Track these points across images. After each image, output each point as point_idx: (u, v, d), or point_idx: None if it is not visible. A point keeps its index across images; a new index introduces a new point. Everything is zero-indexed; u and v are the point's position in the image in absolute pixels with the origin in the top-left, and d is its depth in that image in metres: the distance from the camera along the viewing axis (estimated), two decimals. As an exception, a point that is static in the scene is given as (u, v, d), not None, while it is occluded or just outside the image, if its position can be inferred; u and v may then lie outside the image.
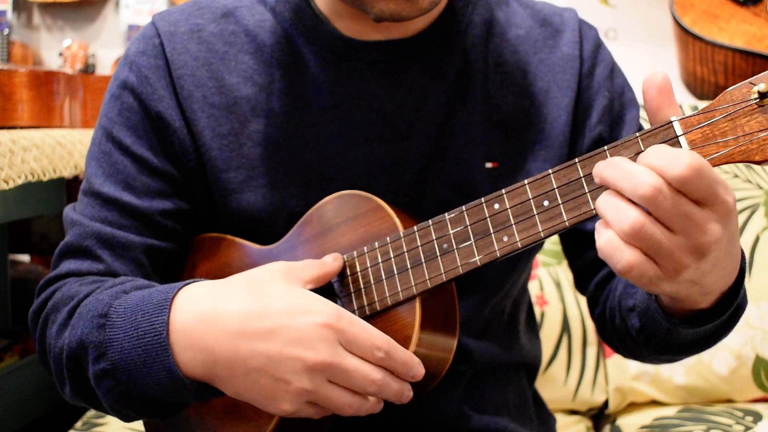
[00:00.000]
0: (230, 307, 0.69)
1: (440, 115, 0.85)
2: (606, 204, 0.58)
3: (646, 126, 1.36)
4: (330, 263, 0.76)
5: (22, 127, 1.46)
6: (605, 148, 0.64)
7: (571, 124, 0.88)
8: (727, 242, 0.60)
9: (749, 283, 1.38)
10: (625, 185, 0.57)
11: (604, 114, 0.89)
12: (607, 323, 0.90)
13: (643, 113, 1.33)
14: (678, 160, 0.56)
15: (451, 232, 0.72)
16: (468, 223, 0.71)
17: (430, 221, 0.73)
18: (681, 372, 1.36)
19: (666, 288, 0.60)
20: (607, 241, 0.58)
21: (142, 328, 0.70)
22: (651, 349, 0.82)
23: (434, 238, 0.72)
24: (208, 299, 0.70)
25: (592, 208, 0.64)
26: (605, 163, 0.59)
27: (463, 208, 0.71)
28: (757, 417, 1.28)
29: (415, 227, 0.74)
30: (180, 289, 0.71)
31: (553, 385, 1.38)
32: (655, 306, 0.73)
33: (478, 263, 0.70)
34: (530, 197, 0.67)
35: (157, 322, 0.69)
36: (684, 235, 0.57)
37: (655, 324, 0.75)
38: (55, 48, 2.58)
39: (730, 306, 0.70)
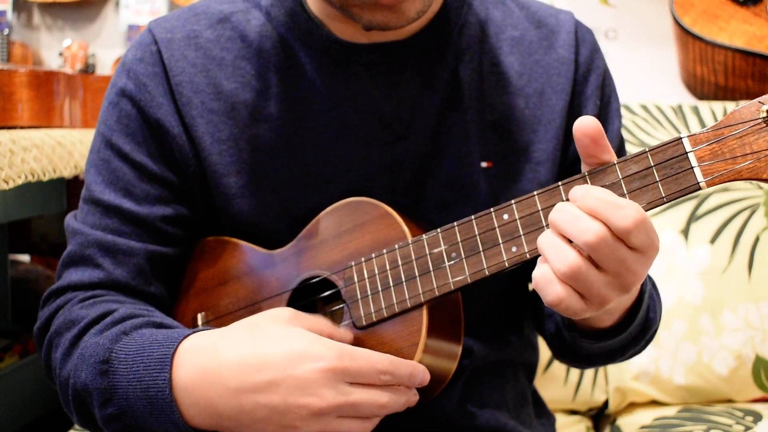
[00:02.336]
0: (230, 359, 0.69)
1: (437, 115, 0.86)
2: (547, 242, 0.63)
3: (626, 135, 1.34)
4: (340, 330, 0.76)
5: (22, 127, 1.46)
6: (614, 162, 0.65)
7: (564, 128, 0.88)
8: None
9: (749, 284, 1.38)
10: (571, 230, 0.61)
11: None
12: (542, 323, 0.95)
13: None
14: (625, 212, 0.60)
15: (459, 241, 0.72)
16: (477, 233, 0.71)
17: (438, 230, 0.73)
18: (681, 372, 1.36)
19: (586, 316, 0.65)
20: (542, 275, 0.63)
21: (145, 381, 0.70)
22: (562, 354, 0.89)
23: (443, 246, 0.72)
24: (208, 353, 0.70)
25: None
26: (555, 208, 0.63)
27: (473, 217, 0.71)
28: (757, 417, 1.28)
29: (423, 235, 0.74)
30: (179, 342, 0.71)
31: (553, 385, 1.38)
32: (559, 318, 0.78)
33: (486, 273, 0.70)
34: (539, 208, 0.68)
35: (159, 379, 0.70)
36: (615, 276, 0.62)
37: (563, 334, 0.82)
38: (55, 48, 2.58)
39: (630, 324, 0.76)
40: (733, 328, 1.37)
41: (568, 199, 0.66)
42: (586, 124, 0.64)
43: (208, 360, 0.69)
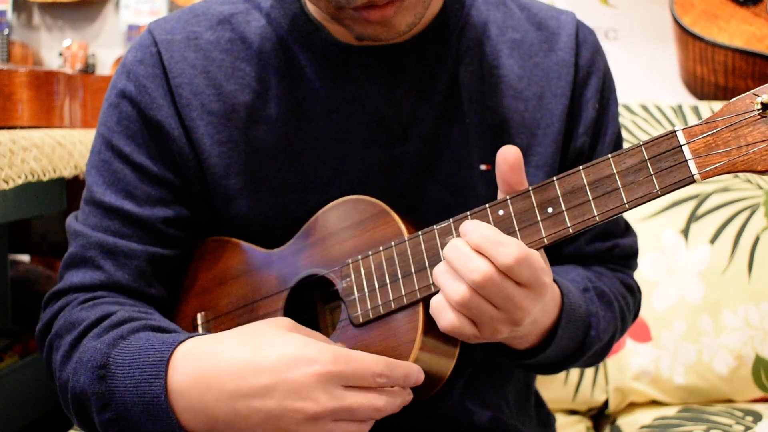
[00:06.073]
0: (226, 364, 0.68)
1: (436, 118, 0.85)
2: (441, 275, 0.68)
3: (626, 135, 1.34)
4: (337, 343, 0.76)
5: (22, 127, 1.46)
6: (609, 156, 0.65)
7: (563, 132, 0.88)
8: (540, 309, 0.70)
9: (749, 284, 1.38)
10: (460, 267, 0.66)
11: (591, 126, 0.89)
12: None
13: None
14: (507, 250, 0.64)
15: (455, 237, 0.71)
16: None
17: (434, 226, 0.73)
18: (681, 372, 1.36)
19: (481, 342, 0.70)
20: (437, 303, 0.69)
21: (141, 387, 0.70)
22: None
23: (438, 243, 0.72)
24: (204, 357, 0.70)
25: (596, 215, 0.65)
26: (448, 244, 0.68)
27: (468, 213, 0.71)
28: (757, 417, 1.28)
29: (419, 232, 0.74)
30: (175, 347, 0.71)
31: (553, 385, 1.38)
32: None
33: None
34: (534, 204, 0.67)
35: (155, 384, 0.69)
36: (504, 311, 0.67)
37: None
38: (55, 48, 2.58)
39: (545, 348, 0.78)
40: (733, 328, 1.37)
41: (560, 194, 0.67)
42: (509, 153, 0.69)
43: (204, 364, 0.69)
